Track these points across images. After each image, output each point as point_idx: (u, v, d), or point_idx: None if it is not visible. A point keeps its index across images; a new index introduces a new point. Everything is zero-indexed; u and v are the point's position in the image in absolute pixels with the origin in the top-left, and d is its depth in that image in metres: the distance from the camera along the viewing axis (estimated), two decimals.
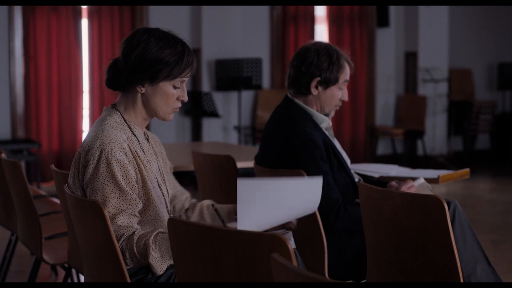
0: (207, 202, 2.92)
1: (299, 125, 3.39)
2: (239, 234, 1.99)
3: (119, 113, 2.66)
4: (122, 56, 2.63)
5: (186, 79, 2.66)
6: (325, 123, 3.49)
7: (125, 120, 2.66)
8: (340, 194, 3.36)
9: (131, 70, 2.60)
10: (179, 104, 2.68)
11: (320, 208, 3.28)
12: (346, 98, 3.53)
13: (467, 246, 3.20)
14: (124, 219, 2.50)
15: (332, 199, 3.32)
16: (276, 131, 3.46)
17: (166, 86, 2.62)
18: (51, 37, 8.59)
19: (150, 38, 2.60)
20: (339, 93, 3.49)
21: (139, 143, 2.65)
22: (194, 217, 2.89)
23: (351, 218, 3.31)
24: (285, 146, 3.39)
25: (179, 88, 2.65)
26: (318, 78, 3.45)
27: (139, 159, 2.59)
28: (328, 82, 3.45)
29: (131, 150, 2.58)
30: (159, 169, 2.74)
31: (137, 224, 2.56)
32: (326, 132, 3.50)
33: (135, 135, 2.65)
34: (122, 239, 2.50)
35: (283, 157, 3.39)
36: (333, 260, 3.29)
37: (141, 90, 2.63)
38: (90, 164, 2.51)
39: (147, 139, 2.75)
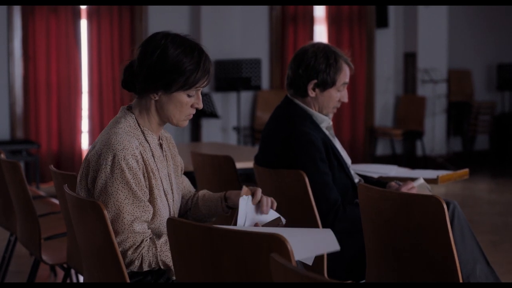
0: (201, 193, 2.89)
1: (299, 126, 3.39)
2: (239, 234, 1.99)
3: (133, 117, 2.62)
4: (138, 61, 2.58)
5: (201, 88, 2.62)
6: (325, 122, 3.49)
7: (139, 125, 2.62)
8: (339, 195, 3.36)
9: (145, 77, 2.55)
10: (193, 111, 2.65)
11: (319, 208, 3.29)
12: (345, 99, 3.51)
13: (466, 247, 3.20)
14: (139, 225, 2.49)
15: (331, 200, 3.32)
16: (276, 131, 3.46)
17: (181, 95, 2.58)
18: (50, 37, 8.59)
19: (166, 45, 2.54)
20: (337, 95, 3.48)
21: (151, 150, 2.61)
22: (193, 214, 2.88)
23: (350, 218, 3.30)
24: (284, 146, 3.39)
25: (193, 96, 2.61)
26: (315, 81, 3.43)
27: (149, 167, 2.55)
28: (325, 85, 3.44)
29: (142, 157, 2.54)
30: (168, 176, 2.71)
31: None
32: (327, 132, 3.49)
33: (147, 141, 2.62)
34: (143, 245, 2.47)
35: (283, 157, 3.39)
36: (332, 260, 3.29)
37: (155, 97, 2.59)
38: (102, 169, 2.48)
39: (161, 145, 2.71)
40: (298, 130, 3.37)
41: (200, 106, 2.65)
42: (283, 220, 2.62)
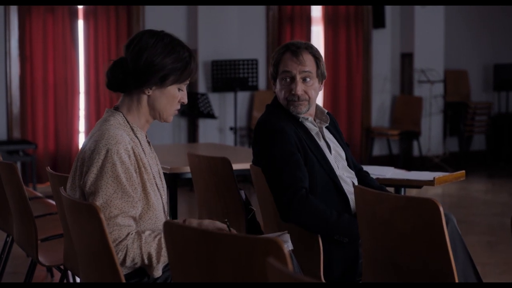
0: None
1: (265, 115, 3.43)
2: (235, 238, 2.00)
3: (122, 115, 2.67)
4: (131, 58, 2.63)
5: (188, 82, 2.73)
6: (301, 118, 3.43)
7: (128, 122, 2.66)
8: (305, 183, 3.22)
9: (141, 73, 2.62)
10: (179, 106, 2.75)
11: (274, 198, 3.25)
12: (295, 91, 3.36)
13: (457, 260, 3.10)
14: (125, 220, 2.50)
15: (284, 186, 3.20)
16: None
17: (174, 89, 2.69)
18: (47, 37, 8.58)
19: (158, 41, 2.63)
20: (281, 85, 3.41)
21: (141, 146, 2.65)
22: None
23: (311, 211, 3.16)
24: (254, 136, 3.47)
25: (182, 91, 2.72)
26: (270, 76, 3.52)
27: (140, 162, 2.59)
28: (272, 78, 3.48)
29: (134, 152, 2.58)
30: (159, 173, 2.73)
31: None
32: (310, 126, 3.44)
33: (137, 137, 2.66)
34: (128, 238, 2.49)
35: (254, 150, 3.45)
36: (329, 262, 3.29)
37: (148, 92, 2.66)
38: (95, 163, 2.51)
39: (149, 142, 2.75)
40: (262, 119, 3.40)
41: (186, 101, 2.76)
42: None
